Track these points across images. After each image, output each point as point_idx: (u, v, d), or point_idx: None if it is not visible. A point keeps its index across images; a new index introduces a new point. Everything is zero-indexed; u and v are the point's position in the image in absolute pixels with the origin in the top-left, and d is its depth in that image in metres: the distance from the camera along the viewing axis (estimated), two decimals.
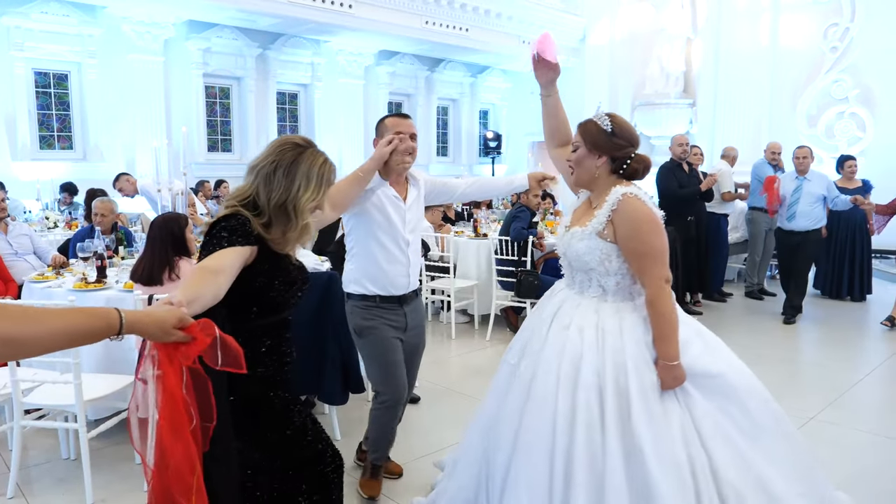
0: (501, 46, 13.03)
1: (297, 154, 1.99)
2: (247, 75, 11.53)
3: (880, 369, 5.20)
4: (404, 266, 2.95)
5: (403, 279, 2.96)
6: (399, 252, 2.93)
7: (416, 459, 3.67)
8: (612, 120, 2.28)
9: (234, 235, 1.90)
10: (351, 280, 2.99)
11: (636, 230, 2.19)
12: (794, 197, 6.67)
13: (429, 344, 6.09)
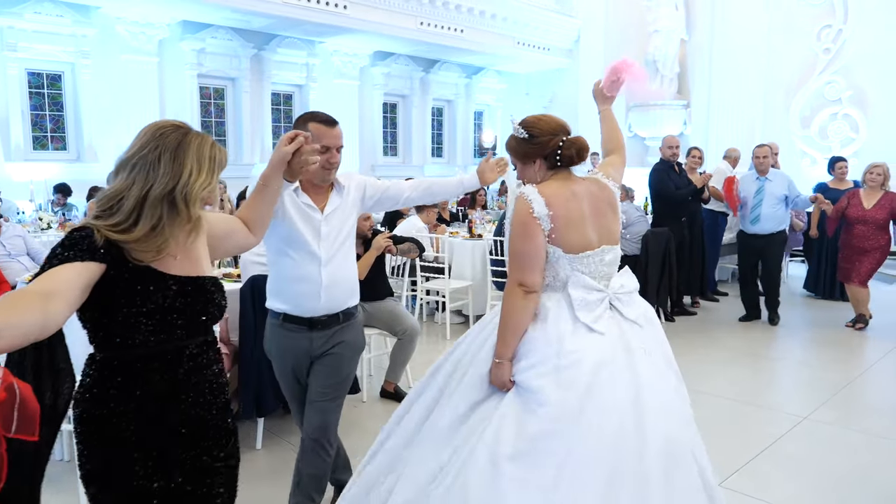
0: (496, 47, 13.05)
1: (181, 136, 1.69)
2: (241, 76, 11.51)
3: (873, 369, 5.23)
4: (314, 286, 2.51)
5: (312, 301, 2.53)
6: (309, 269, 2.50)
7: None
8: (524, 126, 2.28)
9: (70, 251, 1.54)
10: (267, 291, 2.69)
11: (510, 229, 2.21)
12: (757, 199, 6.43)
13: (423, 345, 6.14)
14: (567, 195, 2.19)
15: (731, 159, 8.39)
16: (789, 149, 10.89)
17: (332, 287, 2.54)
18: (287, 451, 3.77)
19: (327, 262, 2.51)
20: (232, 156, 11.75)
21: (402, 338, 4.45)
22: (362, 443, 3.84)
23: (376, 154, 13.75)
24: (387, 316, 4.48)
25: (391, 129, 14.51)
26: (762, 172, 6.48)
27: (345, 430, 4.00)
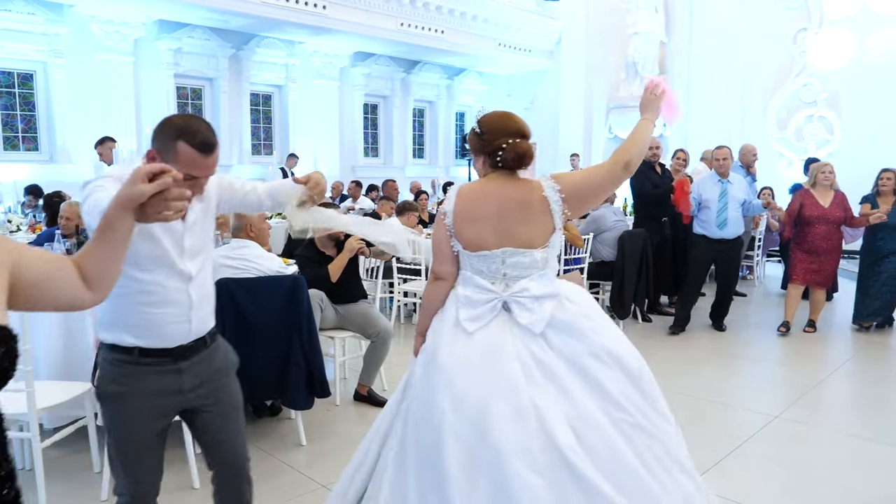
0: (477, 49, 13.05)
1: None
2: (219, 76, 11.41)
3: (844, 367, 5.27)
4: (182, 308, 2.09)
5: (181, 326, 2.10)
6: (174, 290, 2.07)
7: None
8: (479, 122, 2.31)
9: None
10: (103, 325, 2.13)
11: None
12: (722, 202, 6.13)
13: (401, 346, 6.10)
14: (478, 194, 2.25)
15: (708, 161, 8.41)
16: (766, 150, 10.95)
17: (200, 306, 2.15)
18: (257, 455, 3.69)
19: (194, 279, 2.11)
20: None
21: (375, 340, 4.41)
22: (334, 447, 3.82)
23: (357, 155, 13.70)
24: (360, 318, 4.45)
25: (372, 129, 14.46)
26: (723, 175, 6.22)
27: (317, 434, 3.98)
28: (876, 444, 3.83)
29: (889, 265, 6.29)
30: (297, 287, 3.67)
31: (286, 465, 3.61)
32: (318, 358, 3.74)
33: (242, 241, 3.80)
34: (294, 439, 3.88)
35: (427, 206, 8.62)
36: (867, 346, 5.92)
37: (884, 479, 3.41)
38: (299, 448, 3.81)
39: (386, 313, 6.88)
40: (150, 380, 2.10)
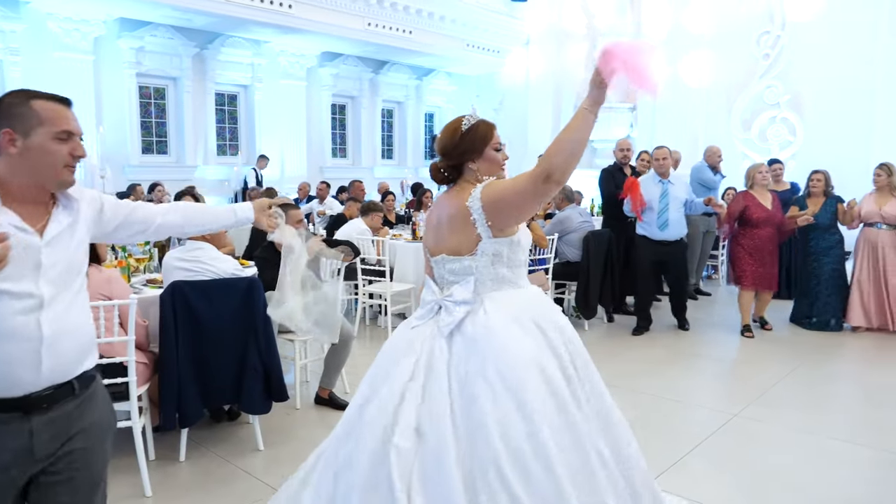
0: (446, 49, 13.03)
1: None
2: (183, 75, 11.23)
3: (803, 366, 5.34)
4: (32, 343, 1.65)
5: (28, 370, 1.65)
6: (18, 319, 1.64)
7: None
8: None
9: None
10: None
11: None
12: (664, 203, 6.06)
13: (364, 348, 6.05)
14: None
15: (671, 160, 8.48)
16: (731, 151, 11.08)
17: (57, 342, 1.69)
18: (213, 461, 3.64)
19: (49, 305, 1.68)
20: (173, 157, 11.46)
21: (336, 343, 4.34)
22: (293, 452, 3.74)
23: (325, 156, 13.59)
24: None
25: (340, 130, 14.36)
26: (663, 175, 6.11)
27: (276, 439, 3.90)
28: (834, 441, 3.87)
29: (826, 266, 6.42)
30: (253, 289, 3.60)
31: (242, 470, 3.54)
32: (276, 361, 3.67)
33: (197, 243, 3.72)
34: (252, 444, 3.80)
35: (394, 208, 8.57)
36: (825, 346, 6.01)
37: (840, 477, 3.45)
38: (256, 453, 3.74)
39: (351, 315, 6.82)
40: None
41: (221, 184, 10.98)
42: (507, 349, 2.07)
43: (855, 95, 10.53)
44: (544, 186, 1.99)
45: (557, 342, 2.16)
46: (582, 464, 2.01)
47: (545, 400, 2.02)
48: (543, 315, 2.21)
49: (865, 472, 3.50)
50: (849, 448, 3.78)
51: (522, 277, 2.29)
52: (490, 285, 2.22)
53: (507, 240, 2.20)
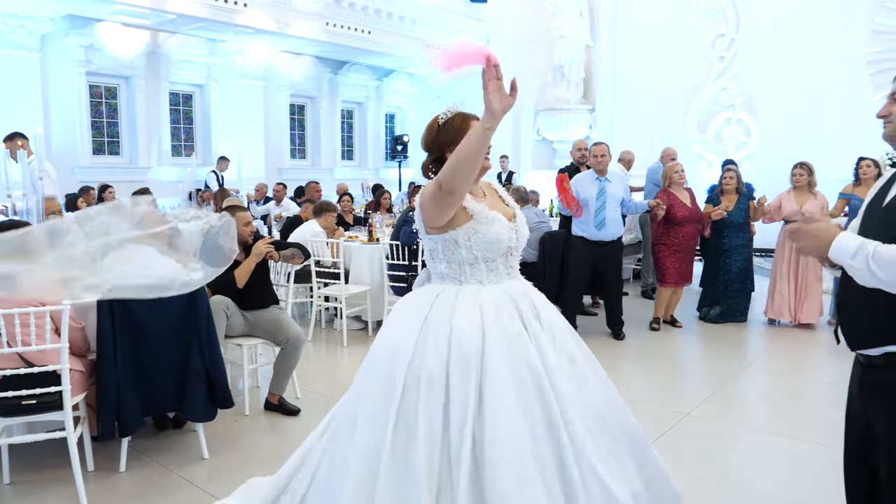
0: (406, 50, 12.96)
1: None
2: (135, 74, 10.96)
3: (755, 364, 5.40)
4: None
5: None
6: None
7: None
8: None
9: None
10: None
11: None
12: (600, 201, 5.85)
13: (320, 353, 5.96)
14: None
15: (624, 162, 8.56)
16: (687, 152, 11.23)
17: None
18: (155, 471, 3.52)
19: None
20: (126, 158, 11.18)
21: (285, 347, 4.25)
22: (239, 460, 3.64)
23: (283, 156, 13.41)
24: (269, 325, 4.29)
25: (299, 130, 14.19)
26: (601, 173, 5.91)
27: (222, 447, 3.78)
28: (785, 439, 3.91)
29: (736, 262, 6.62)
30: (196, 293, 3.49)
31: (185, 480, 3.43)
32: (220, 366, 3.57)
33: (138, 247, 3.59)
34: (196, 453, 3.69)
35: (351, 209, 8.48)
36: (780, 342, 6.10)
37: (788, 474, 3.48)
38: (201, 462, 3.63)
39: (306, 318, 6.71)
40: None
41: (176, 185, 10.74)
42: (378, 337, 2.25)
43: (807, 97, 10.76)
44: (439, 194, 2.04)
45: (443, 343, 2.09)
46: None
47: (381, 386, 2.11)
48: (440, 316, 2.14)
49: (812, 469, 3.53)
50: (796, 445, 3.82)
51: (472, 275, 2.21)
52: (434, 278, 2.29)
53: (440, 237, 2.19)
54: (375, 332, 6.29)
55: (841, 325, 2.03)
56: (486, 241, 2.18)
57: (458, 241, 2.18)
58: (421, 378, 2.03)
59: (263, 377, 4.88)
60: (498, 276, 2.23)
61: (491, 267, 2.21)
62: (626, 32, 12.46)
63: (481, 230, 2.18)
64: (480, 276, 2.21)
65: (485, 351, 2.04)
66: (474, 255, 2.19)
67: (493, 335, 2.07)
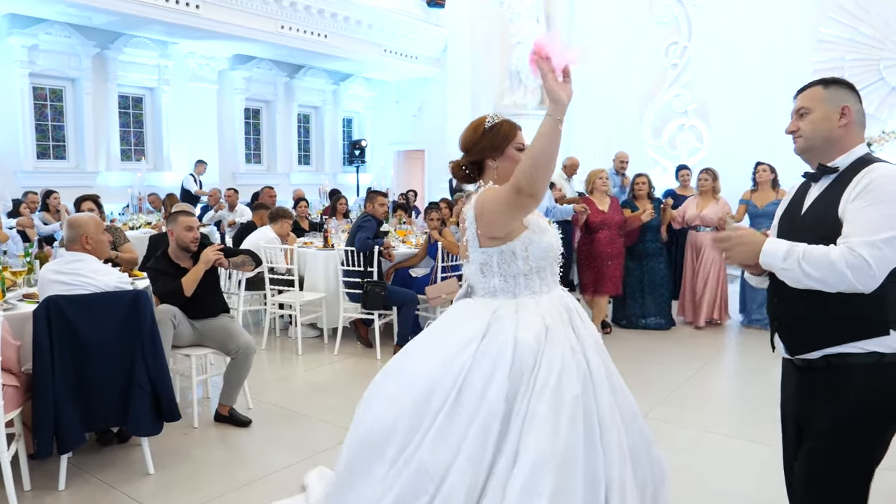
0: (363, 55, 12.85)
1: None
2: (83, 76, 10.63)
3: (708, 366, 5.47)
4: None
5: None
6: None
7: (240, 488, 3.37)
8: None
9: None
10: None
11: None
12: None
13: (274, 361, 5.83)
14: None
15: (568, 168, 8.61)
16: (642, 158, 11.40)
17: None
18: (97, 489, 3.37)
19: None
20: (73, 163, 10.83)
21: (235, 357, 4.13)
22: (186, 474, 3.51)
23: (238, 161, 13.17)
24: (219, 334, 4.16)
25: (255, 135, 13.96)
26: None
27: (169, 462, 3.64)
28: (735, 440, 3.95)
29: (659, 267, 6.65)
30: (140, 303, 3.36)
31: (129, 497, 3.29)
32: (165, 378, 3.44)
33: (76, 255, 3.45)
34: (142, 468, 3.54)
35: (307, 215, 8.35)
36: (734, 344, 6.19)
37: (740, 475, 3.50)
38: (146, 478, 3.48)
39: (260, 326, 6.57)
40: None
41: (125, 190, 10.43)
42: (424, 357, 2.17)
43: (756, 104, 11.00)
44: (518, 199, 1.98)
45: (492, 353, 2.05)
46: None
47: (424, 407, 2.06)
48: (499, 329, 2.09)
49: (764, 470, 3.57)
50: (749, 446, 3.86)
51: (526, 287, 2.17)
52: (481, 294, 2.23)
53: (496, 249, 2.14)
54: (331, 340, 6.20)
55: (778, 332, 2.09)
56: (542, 249, 2.15)
57: (515, 252, 2.13)
58: (485, 397, 1.99)
59: (214, 388, 4.73)
60: (548, 286, 2.21)
61: (542, 276, 2.19)
62: (582, 39, 12.59)
63: (537, 239, 2.15)
64: (534, 286, 2.18)
65: (541, 364, 2.03)
66: (530, 266, 2.15)
67: (552, 349, 2.05)
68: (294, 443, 3.95)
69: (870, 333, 1.85)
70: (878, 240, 1.77)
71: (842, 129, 1.96)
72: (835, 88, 1.99)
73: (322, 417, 4.36)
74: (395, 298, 5.71)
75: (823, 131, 1.98)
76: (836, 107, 1.97)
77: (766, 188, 6.72)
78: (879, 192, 1.81)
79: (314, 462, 3.65)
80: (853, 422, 1.88)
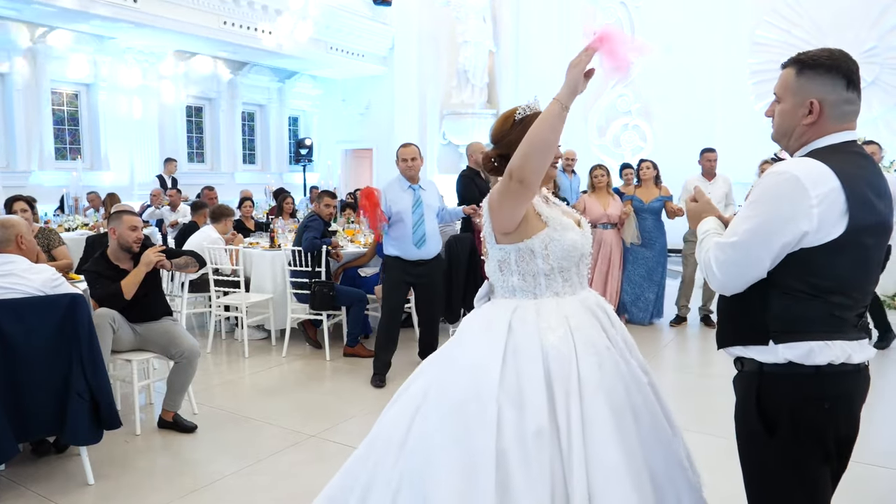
0: (307, 52, 12.68)
1: None
2: (12, 72, 10.17)
3: (656, 361, 5.58)
4: None
5: None
6: None
7: (185, 496, 3.27)
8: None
9: None
10: None
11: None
12: (417, 213, 4.83)
13: (220, 365, 5.69)
14: None
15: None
16: (587, 156, 11.57)
17: None
18: (32, 501, 3.22)
19: None
20: (4, 162, 10.37)
21: (179, 361, 4.01)
22: (129, 484, 3.39)
23: (180, 160, 12.81)
24: (162, 338, 4.03)
25: (197, 134, 13.62)
26: (412, 179, 4.88)
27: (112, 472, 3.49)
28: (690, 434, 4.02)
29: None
30: (77, 306, 3.22)
31: None
32: (104, 384, 3.31)
33: (8, 256, 3.29)
34: (81, 479, 3.40)
35: (252, 215, 8.18)
36: (676, 338, 6.33)
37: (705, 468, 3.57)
38: (85, 489, 3.34)
39: (205, 329, 6.41)
40: None
41: (60, 191, 10.03)
42: (451, 358, 2.05)
43: (697, 104, 11.32)
44: (509, 185, 1.89)
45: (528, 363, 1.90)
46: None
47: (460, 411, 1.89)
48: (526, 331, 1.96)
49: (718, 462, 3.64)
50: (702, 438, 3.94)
51: (548, 287, 2.04)
52: (500, 292, 2.11)
53: (514, 247, 2.02)
54: (279, 342, 6.09)
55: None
56: (564, 248, 2.02)
57: (534, 250, 2.02)
58: (525, 422, 1.82)
59: (158, 393, 4.59)
60: (573, 287, 2.07)
61: (566, 277, 2.06)
62: (528, 38, 12.74)
63: (557, 237, 2.03)
64: (556, 287, 2.05)
65: (581, 373, 1.87)
66: (550, 265, 2.02)
67: (585, 353, 1.91)
68: (241, 448, 3.86)
69: (750, 339, 1.74)
70: (727, 242, 1.68)
71: (806, 126, 1.75)
72: (808, 76, 1.73)
73: (270, 420, 4.28)
74: (344, 298, 5.64)
75: (789, 126, 1.79)
76: (804, 99, 1.73)
77: (650, 185, 6.89)
78: (755, 192, 1.68)
79: (261, 467, 3.57)
80: (738, 426, 1.83)
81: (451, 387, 1.95)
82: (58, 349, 3.19)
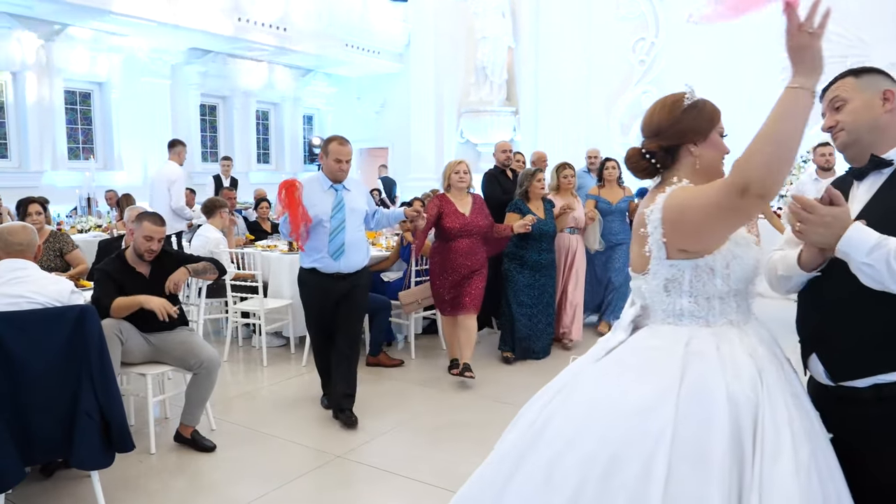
0: (323, 49, 12.44)
1: None
2: (25, 69, 9.97)
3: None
4: None
5: None
6: None
7: None
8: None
9: None
10: None
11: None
12: (338, 219, 4.12)
13: (237, 374, 5.43)
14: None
15: (537, 164, 8.25)
16: (611, 155, 11.22)
17: None
18: None
19: None
20: (15, 162, 10.19)
21: (197, 372, 3.75)
22: None
23: (194, 160, 12.59)
24: (178, 348, 3.78)
25: (211, 132, 13.41)
26: (336, 180, 4.15)
27: (124, 495, 3.23)
28: None
29: (550, 282, 5.61)
30: (86, 319, 2.96)
31: None
32: (116, 404, 3.05)
33: (18, 262, 3.05)
34: (91, 503, 3.15)
35: (268, 216, 7.96)
36: None
37: None
38: None
39: (221, 336, 6.17)
40: None
41: (73, 191, 9.83)
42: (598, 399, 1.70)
43: (724, 99, 10.81)
44: (740, 202, 1.50)
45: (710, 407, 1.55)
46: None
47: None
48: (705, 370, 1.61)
49: None
50: None
51: (721, 314, 1.71)
52: (662, 316, 1.77)
53: (691, 263, 1.70)
54: (298, 350, 5.82)
55: (817, 349, 1.74)
56: (746, 269, 1.71)
57: (714, 268, 1.69)
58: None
59: (174, 406, 4.33)
60: (746, 315, 1.75)
61: (739, 301, 1.73)
62: (549, 35, 12.40)
63: (741, 254, 1.70)
64: (730, 313, 1.72)
65: (765, 424, 1.53)
66: (729, 287, 1.70)
67: (772, 399, 1.57)
68: (263, 469, 3.60)
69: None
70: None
71: (889, 114, 1.70)
72: (868, 76, 1.75)
73: (292, 438, 4.01)
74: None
75: (868, 120, 1.71)
76: (876, 92, 1.71)
77: (614, 185, 6.68)
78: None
79: (286, 493, 3.31)
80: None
81: (605, 436, 1.59)
82: (65, 365, 2.94)
